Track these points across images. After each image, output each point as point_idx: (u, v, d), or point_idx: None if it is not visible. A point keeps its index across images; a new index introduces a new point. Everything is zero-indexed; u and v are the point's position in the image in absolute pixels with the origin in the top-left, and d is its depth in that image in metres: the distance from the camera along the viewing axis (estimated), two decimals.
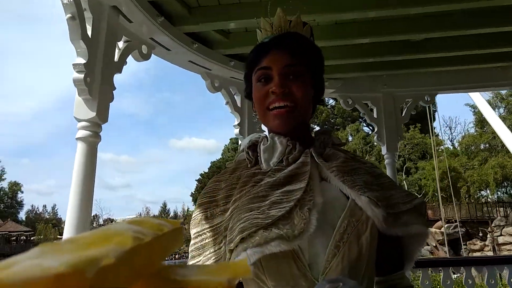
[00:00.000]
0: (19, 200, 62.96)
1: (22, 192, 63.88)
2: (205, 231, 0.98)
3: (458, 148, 33.46)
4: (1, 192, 61.66)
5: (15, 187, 62.60)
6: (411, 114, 3.11)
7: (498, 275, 3.61)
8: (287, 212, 0.87)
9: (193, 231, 1.01)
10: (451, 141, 36.85)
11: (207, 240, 0.96)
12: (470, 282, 3.01)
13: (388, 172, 3.03)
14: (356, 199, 0.92)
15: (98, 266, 0.18)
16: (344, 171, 0.97)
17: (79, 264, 0.17)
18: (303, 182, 0.93)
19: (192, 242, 1.00)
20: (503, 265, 3.15)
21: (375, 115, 3.05)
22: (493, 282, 3.02)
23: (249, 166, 1.06)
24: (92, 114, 2.04)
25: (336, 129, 34.95)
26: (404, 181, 30.43)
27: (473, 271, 3.12)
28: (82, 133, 2.05)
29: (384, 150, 3.01)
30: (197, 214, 1.02)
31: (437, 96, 3.14)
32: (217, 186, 1.06)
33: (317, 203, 0.90)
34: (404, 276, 1.02)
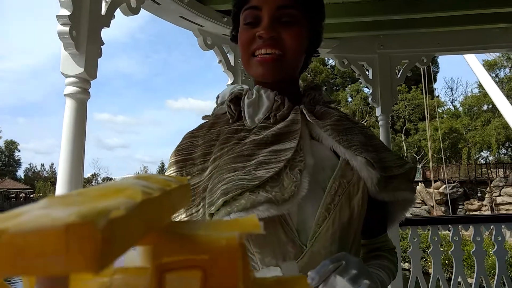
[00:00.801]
0: (16, 158, 63.24)
1: (19, 151, 64.16)
2: None
3: (461, 109, 33.30)
4: None
5: (12, 145, 62.67)
6: (407, 75, 3.08)
7: (488, 232, 3.68)
8: (276, 174, 0.80)
9: None
10: (452, 102, 36.70)
11: None
12: (457, 239, 3.09)
13: (382, 134, 3.03)
14: (351, 159, 0.86)
15: (109, 217, 0.17)
16: (338, 130, 0.90)
17: (89, 215, 0.17)
18: (293, 141, 0.86)
19: None
20: (491, 223, 3.23)
21: (370, 77, 3.00)
22: (479, 239, 3.10)
23: (230, 121, 0.95)
24: (80, 69, 1.99)
25: (336, 89, 34.58)
26: (404, 142, 30.43)
27: (470, 229, 3.19)
28: (70, 89, 2.00)
29: (378, 112, 2.99)
30: (170, 174, 0.91)
31: (439, 57, 3.09)
32: (193, 142, 0.95)
33: (308, 164, 0.84)
34: (387, 239, 1.00)
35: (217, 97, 1.02)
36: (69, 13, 1.91)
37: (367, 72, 3.02)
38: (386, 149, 0.97)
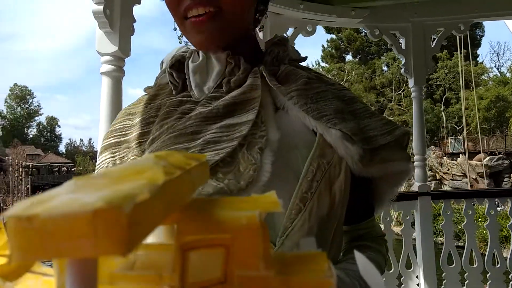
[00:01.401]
0: (57, 134, 65.84)
1: (60, 127, 66.79)
2: None
3: (508, 75, 31.45)
4: (40, 126, 64.39)
5: (53, 121, 65.21)
6: (443, 44, 2.96)
7: None
8: (228, 155, 0.64)
9: None
10: (498, 68, 34.82)
11: None
12: (493, 212, 3.01)
13: (415, 106, 2.94)
14: (324, 133, 0.69)
15: (134, 201, 0.18)
16: (306, 96, 0.72)
17: (116, 200, 0.17)
18: (252, 112, 0.68)
19: None
20: None
21: (403, 46, 2.89)
22: None
23: (174, 92, 0.76)
24: (115, 48, 2.03)
25: (371, 58, 33.43)
26: (443, 113, 29.23)
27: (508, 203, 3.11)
28: (106, 67, 2.05)
29: (411, 83, 2.90)
30: (102, 161, 0.75)
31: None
32: (129, 121, 0.77)
33: (271, 141, 0.67)
34: (374, 224, 0.82)
35: (161, 62, 0.83)
36: None
37: (399, 42, 2.93)
38: (371, 114, 0.79)
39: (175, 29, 2.55)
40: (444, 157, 21.68)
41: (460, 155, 21.30)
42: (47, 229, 0.16)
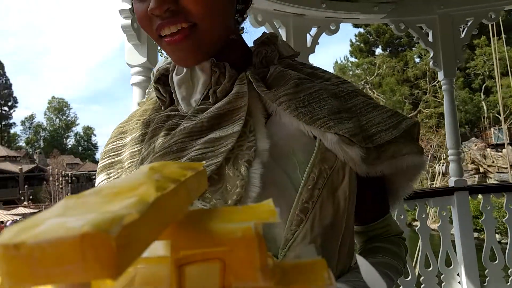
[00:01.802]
0: (93, 142, 67.93)
1: (95, 135, 68.89)
2: None
3: None
4: (78, 136, 66.63)
5: (88, 131, 67.36)
6: (473, 34, 2.85)
7: None
8: (214, 173, 0.60)
9: None
10: None
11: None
12: None
13: (446, 99, 2.86)
14: (321, 138, 0.65)
15: (121, 224, 0.18)
16: (297, 99, 0.67)
17: (102, 223, 0.17)
18: (238, 123, 0.64)
19: None
20: None
21: (430, 39, 2.80)
22: None
23: (162, 108, 0.74)
24: (143, 59, 2.09)
25: (402, 50, 32.49)
26: (483, 102, 27.99)
27: None
28: (136, 78, 2.12)
29: (441, 76, 2.81)
30: (99, 182, 0.74)
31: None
32: (121, 140, 0.76)
33: (261, 151, 0.63)
34: (390, 222, 0.77)
35: (152, 74, 0.78)
36: (130, 6, 1.99)
37: (426, 35, 2.84)
38: (374, 107, 0.72)
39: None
40: (488, 149, 20.79)
41: (508, 145, 20.31)
42: (34, 256, 0.16)
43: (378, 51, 33.13)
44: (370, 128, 0.69)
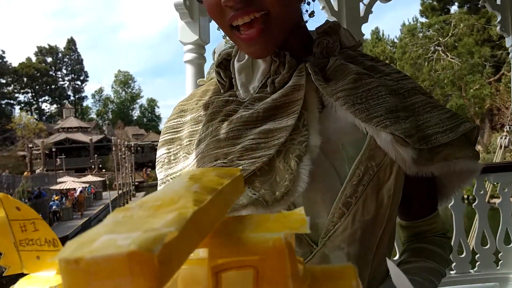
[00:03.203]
0: (157, 114, 70.63)
1: (159, 107, 71.58)
2: (168, 178, 0.74)
3: None
4: (142, 108, 69.52)
5: (152, 103, 70.02)
6: None
7: None
8: (266, 164, 0.63)
9: (158, 175, 0.78)
10: None
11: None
12: None
13: None
14: (374, 136, 0.65)
15: (162, 242, 0.20)
16: (355, 95, 0.67)
17: (146, 243, 0.19)
18: (292, 117, 0.65)
19: (158, 188, 0.72)
20: None
21: (498, 2, 2.60)
22: None
23: (222, 91, 0.76)
24: (195, 36, 2.14)
25: (483, 6, 29.35)
26: None
27: None
28: (189, 56, 2.17)
29: (509, 42, 2.60)
30: (160, 155, 0.78)
31: None
32: (181, 118, 0.79)
33: (312, 147, 0.64)
34: (437, 220, 0.77)
35: (213, 52, 0.81)
36: None
37: None
38: (433, 107, 0.71)
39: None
40: None
41: None
42: (91, 269, 0.19)
43: (454, 8, 30.47)
44: (426, 129, 0.68)
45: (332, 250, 0.63)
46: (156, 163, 0.78)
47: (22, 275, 0.36)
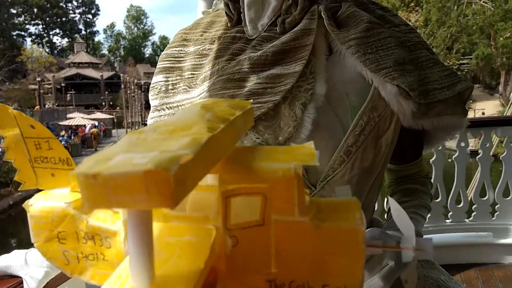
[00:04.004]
0: None
1: None
2: (164, 106, 0.74)
3: None
4: (154, 46, 68.56)
5: (165, 41, 68.90)
6: None
7: None
8: (271, 109, 0.63)
9: (152, 101, 0.77)
10: None
11: (165, 118, 0.72)
12: None
13: None
14: (379, 87, 0.66)
15: (179, 163, 0.21)
16: (366, 45, 0.67)
17: (163, 162, 0.20)
18: (300, 62, 0.65)
19: (150, 114, 0.76)
20: None
21: None
22: None
23: (229, 25, 0.74)
24: None
25: None
26: None
27: None
28: None
29: None
30: (157, 82, 0.77)
31: None
32: (183, 47, 0.77)
33: (317, 95, 0.65)
34: (421, 163, 0.83)
35: None
36: None
37: None
38: (434, 63, 0.73)
39: None
40: None
41: None
42: (109, 185, 0.20)
43: None
44: (426, 84, 0.69)
45: (329, 193, 0.66)
46: (151, 89, 0.78)
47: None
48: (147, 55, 68.14)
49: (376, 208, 1.22)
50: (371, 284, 0.54)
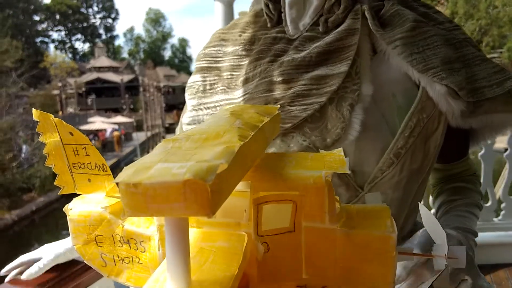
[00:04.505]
0: (188, 55, 70.23)
1: (190, 47, 70.78)
2: (201, 106, 0.73)
3: None
4: (174, 48, 69.15)
5: (183, 43, 69.38)
6: None
7: None
8: (317, 111, 0.62)
9: (189, 101, 0.76)
10: None
11: (203, 118, 0.73)
12: None
13: None
14: (427, 87, 0.64)
15: (215, 173, 0.21)
16: (412, 44, 0.65)
17: (201, 172, 0.21)
18: (345, 63, 0.64)
19: (187, 114, 0.75)
20: None
21: None
22: None
23: (269, 25, 0.72)
24: None
25: None
26: None
27: None
28: None
29: None
30: (194, 81, 0.76)
31: None
32: (221, 47, 0.76)
33: (364, 95, 0.63)
34: (469, 162, 0.80)
35: None
36: None
37: None
38: (482, 60, 0.70)
39: None
40: None
41: None
42: (148, 193, 0.21)
43: None
44: (474, 82, 0.67)
45: (376, 195, 0.63)
46: (187, 88, 0.77)
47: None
48: (166, 58, 68.75)
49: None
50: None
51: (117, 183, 0.22)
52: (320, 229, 0.29)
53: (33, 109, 0.38)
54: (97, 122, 27.14)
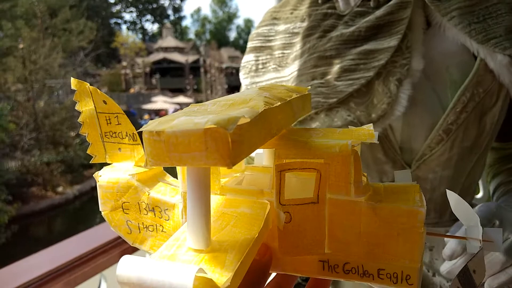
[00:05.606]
0: None
1: (254, 28, 70.79)
2: (254, 85, 0.72)
3: None
4: (239, 29, 69.47)
5: (249, 23, 69.48)
6: None
7: None
8: (364, 86, 0.60)
9: (242, 80, 0.76)
10: None
11: None
12: None
13: None
14: (487, 58, 0.58)
15: (236, 123, 0.21)
16: (471, 14, 0.60)
17: (221, 121, 0.21)
18: (395, 37, 0.61)
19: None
20: None
21: None
22: None
23: (319, 1, 0.70)
24: None
25: None
26: None
27: None
28: None
29: None
30: (247, 61, 0.77)
31: None
32: (273, 26, 0.76)
33: (414, 70, 0.60)
34: None
35: None
36: None
37: None
38: None
39: None
40: None
41: None
42: (170, 142, 0.21)
43: None
44: None
45: (425, 173, 0.62)
46: (241, 68, 0.77)
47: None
48: (232, 39, 69.16)
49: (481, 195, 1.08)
50: (491, 258, 0.51)
51: (140, 133, 0.22)
52: (344, 201, 0.28)
53: (71, 78, 0.38)
54: (159, 102, 27.95)
